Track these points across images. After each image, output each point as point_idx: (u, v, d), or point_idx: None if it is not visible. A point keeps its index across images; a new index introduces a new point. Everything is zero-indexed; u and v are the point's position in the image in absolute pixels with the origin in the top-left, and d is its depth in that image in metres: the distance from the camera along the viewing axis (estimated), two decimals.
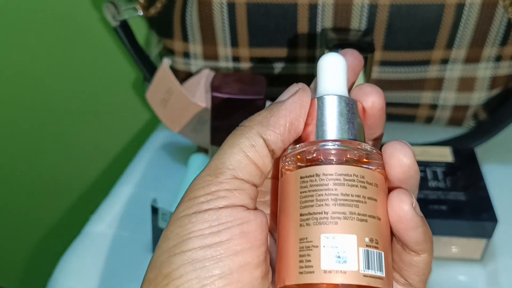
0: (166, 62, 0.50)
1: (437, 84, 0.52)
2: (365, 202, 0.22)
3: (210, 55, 0.53)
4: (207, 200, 0.23)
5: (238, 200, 0.23)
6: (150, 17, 0.53)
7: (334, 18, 0.47)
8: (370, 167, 0.23)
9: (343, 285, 0.21)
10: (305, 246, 0.22)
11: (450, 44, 0.49)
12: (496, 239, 0.46)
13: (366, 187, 0.23)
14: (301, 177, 0.23)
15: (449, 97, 0.53)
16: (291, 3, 0.47)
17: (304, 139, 0.25)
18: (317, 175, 0.23)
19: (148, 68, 0.56)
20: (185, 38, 0.52)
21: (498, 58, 0.50)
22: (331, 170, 0.23)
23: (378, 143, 0.27)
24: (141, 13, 0.50)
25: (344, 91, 0.25)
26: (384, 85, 0.52)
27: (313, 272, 0.22)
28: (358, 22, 0.47)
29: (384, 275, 0.22)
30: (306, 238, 0.22)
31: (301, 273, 0.22)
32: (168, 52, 0.55)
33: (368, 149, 0.24)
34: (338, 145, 0.23)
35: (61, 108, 0.76)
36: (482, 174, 0.47)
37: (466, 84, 0.52)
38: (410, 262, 0.24)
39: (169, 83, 0.49)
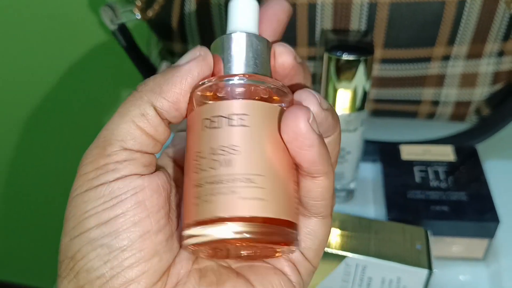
0: (165, 65, 0.50)
1: (439, 80, 0.52)
2: None
3: None
4: (97, 176, 0.22)
5: (129, 171, 0.22)
6: (149, 19, 0.52)
7: (334, 17, 0.47)
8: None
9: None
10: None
11: (451, 41, 0.48)
12: (499, 239, 0.46)
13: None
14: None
15: (451, 93, 0.53)
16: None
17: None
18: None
19: (148, 70, 0.55)
20: (184, 39, 0.52)
21: (501, 53, 0.50)
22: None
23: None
24: (139, 16, 0.50)
25: (254, 31, 0.24)
26: (384, 82, 0.52)
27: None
28: (357, 21, 0.47)
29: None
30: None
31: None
32: (168, 53, 0.55)
33: (277, 85, 0.23)
34: (240, 79, 0.22)
35: (62, 109, 0.76)
36: (484, 174, 0.46)
37: (468, 80, 0.52)
38: (307, 188, 0.23)
39: None
